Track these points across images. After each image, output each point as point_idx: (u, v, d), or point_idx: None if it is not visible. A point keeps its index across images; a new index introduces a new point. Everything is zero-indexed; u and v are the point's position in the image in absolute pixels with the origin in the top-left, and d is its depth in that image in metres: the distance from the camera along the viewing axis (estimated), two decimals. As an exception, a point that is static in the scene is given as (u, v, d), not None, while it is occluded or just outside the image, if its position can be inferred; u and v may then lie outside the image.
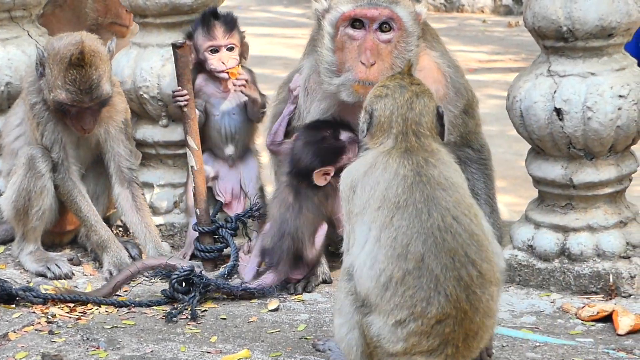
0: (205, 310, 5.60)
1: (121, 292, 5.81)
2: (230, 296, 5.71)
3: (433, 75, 5.82)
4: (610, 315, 5.36)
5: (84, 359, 5.10)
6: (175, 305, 5.59)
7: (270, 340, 5.25)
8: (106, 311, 5.61)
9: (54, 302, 5.65)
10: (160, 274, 5.78)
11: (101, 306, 5.64)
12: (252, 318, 5.49)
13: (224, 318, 5.50)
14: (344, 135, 5.79)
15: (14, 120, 6.32)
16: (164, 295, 5.67)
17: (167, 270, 5.75)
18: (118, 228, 6.51)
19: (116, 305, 5.65)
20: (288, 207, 5.79)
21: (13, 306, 5.66)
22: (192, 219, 6.22)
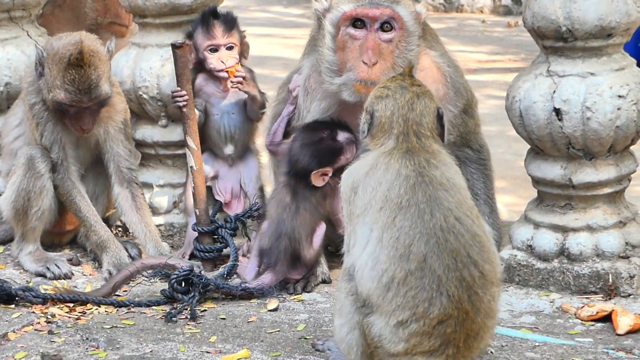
0: (204, 310, 5.59)
1: (120, 292, 5.81)
2: (229, 296, 5.71)
3: (433, 75, 5.82)
4: (609, 315, 5.36)
5: (84, 359, 5.10)
6: (174, 305, 5.59)
7: (269, 340, 5.25)
8: (106, 311, 5.61)
9: (54, 302, 5.65)
10: (159, 274, 5.78)
11: (101, 306, 5.64)
12: (252, 318, 5.49)
13: (224, 318, 5.50)
14: (342, 135, 5.79)
15: (14, 120, 6.31)
16: (164, 295, 5.67)
17: (167, 270, 5.75)
18: (117, 228, 6.51)
19: (116, 305, 5.65)
20: (285, 207, 5.79)
21: (12, 306, 5.66)
22: (191, 219, 6.22)
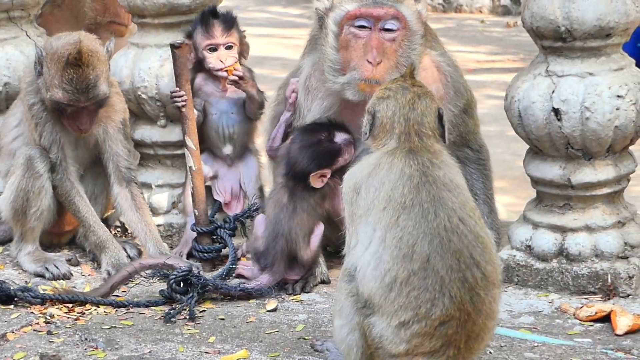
0: (203, 310, 5.59)
1: (119, 293, 5.81)
2: (228, 296, 5.71)
3: (433, 74, 5.83)
4: (608, 315, 5.36)
5: (82, 359, 5.10)
6: (173, 305, 5.59)
7: (268, 340, 5.24)
8: (104, 311, 5.61)
9: (52, 303, 5.65)
10: (158, 274, 5.79)
11: (99, 306, 5.64)
12: (251, 318, 5.49)
13: (222, 318, 5.50)
14: (339, 137, 5.78)
15: (12, 120, 6.31)
16: (162, 295, 5.67)
17: (165, 270, 5.75)
18: (116, 228, 6.51)
19: (114, 305, 5.65)
20: (282, 208, 5.78)
21: (11, 306, 5.66)
22: (190, 219, 6.22)
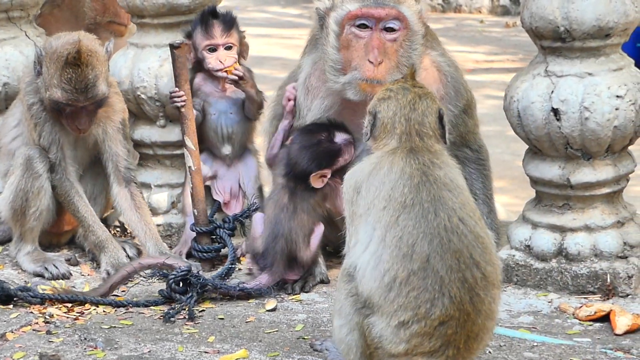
0: (202, 310, 5.59)
1: (119, 292, 5.81)
2: (227, 296, 5.71)
3: (433, 75, 5.83)
4: (607, 315, 5.36)
5: (82, 359, 5.10)
6: (172, 305, 5.58)
7: (267, 340, 5.24)
8: (104, 311, 5.61)
9: (52, 302, 5.65)
10: (157, 274, 5.79)
11: (99, 306, 5.64)
12: (250, 318, 5.49)
13: (222, 318, 5.50)
14: (339, 137, 5.78)
15: (12, 121, 6.31)
16: (162, 295, 5.67)
17: (165, 270, 5.75)
18: (116, 228, 6.51)
19: (114, 305, 5.65)
20: (282, 208, 5.78)
21: (11, 306, 5.66)
22: (189, 219, 6.22)
